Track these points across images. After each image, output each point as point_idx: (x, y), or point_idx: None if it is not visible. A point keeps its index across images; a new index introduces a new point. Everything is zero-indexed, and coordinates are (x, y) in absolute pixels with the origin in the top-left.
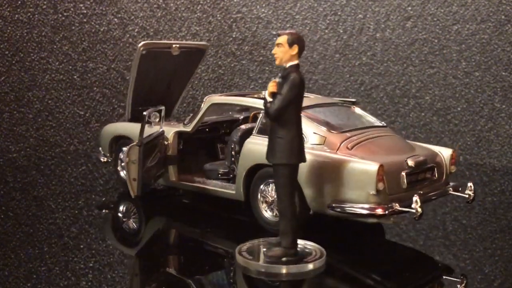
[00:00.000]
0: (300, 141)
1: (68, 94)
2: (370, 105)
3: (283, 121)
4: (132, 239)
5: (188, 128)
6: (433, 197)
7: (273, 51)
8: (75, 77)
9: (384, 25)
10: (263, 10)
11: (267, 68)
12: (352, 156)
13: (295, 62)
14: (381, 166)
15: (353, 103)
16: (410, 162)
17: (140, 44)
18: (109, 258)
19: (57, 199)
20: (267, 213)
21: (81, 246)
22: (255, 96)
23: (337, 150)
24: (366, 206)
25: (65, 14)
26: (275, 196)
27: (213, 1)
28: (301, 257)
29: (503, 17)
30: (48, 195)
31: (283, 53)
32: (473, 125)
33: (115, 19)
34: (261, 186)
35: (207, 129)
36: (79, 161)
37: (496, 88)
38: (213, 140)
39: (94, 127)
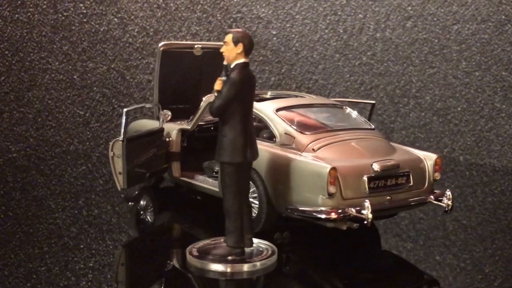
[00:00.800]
0: (245, 140)
1: (68, 94)
2: (370, 105)
3: (227, 119)
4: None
5: (189, 126)
6: (406, 204)
7: (221, 49)
8: (75, 77)
9: (384, 25)
10: (263, 10)
11: (267, 68)
12: (309, 158)
13: (242, 60)
14: (332, 168)
15: (372, 105)
16: (376, 167)
17: (160, 44)
18: (109, 258)
19: (57, 199)
20: None
21: (81, 246)
22: (261, 96)
23: (303, 151)
24: (318, 209)
25: (65, 14)
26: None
27: (213, 1)
28: (249, 255)
29: (503, 17)
30: (48, 195)
31: (228, 51)
32: (473, 125)
33: (115, 19)
34: None
35: (212, 127)
36: (79, 161)
37: (496, 88)
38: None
39: (94, 127)
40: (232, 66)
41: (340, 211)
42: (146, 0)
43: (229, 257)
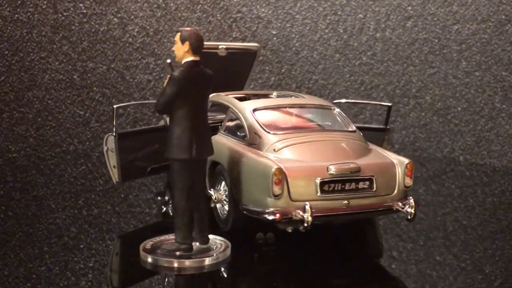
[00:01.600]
0: (191, 137)
1: (68, 94)
2: (370, 105)
3: (173, 116)
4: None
5: None
6: (366, 211)
7: (173, 48)
8: (75, 77)
9: (384, 25)
10: (263, 10)
11: (267, 68)
12: (262, 157)
13: (190, 58)
14: (277, 169)
15: (389, 108)
16: (332, 169)
17: None
18: (109, 258)
19: (57, 198)
20: (218, 210)
21: (81, 246)
22: (269, 95)
23: (264, 150)
24: (264, 210)
25: (65, 14)
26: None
27: (213, 1)
28: (199, 251)
29: (503, 17)
30: (48, 194)
31: (177, 50)
32: (473, 125)
33: (115, 19)
34: (217, 183)
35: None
36: (79, 161)
37: (496, 88)
38: None
39: (94, 127)
40: (181, 64)
41: (284, 213)
42: (146, 0)
43: (177, 253)
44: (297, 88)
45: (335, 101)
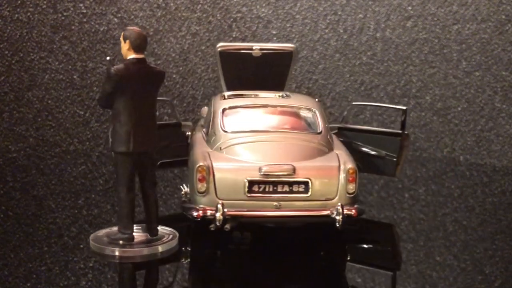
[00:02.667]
0: (129, 131)
1: (68, 94)
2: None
3: (112, 110)
4: None
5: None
6: (298, 214)
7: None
8: (75, 77)
9: (384, 25)
10: (263, 10)
11: None
12: (200, 154)
13: (132, 56)
14: (201, 166)
15: (403, 111)
16: (264, 170)
17: (216, 46)
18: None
19: (57, 198)
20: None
21: (81, 246)
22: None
23: (213, 148)
24: (188, 206)
25: (65, 14)
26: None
27: (213, 1)
28: (146, 241)
29: (503, 17)
30: (48, 194)
31: (121, 48)
32: (473, 125)
33: (115, 19)
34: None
35: None
36: (79, 161)
37: (496, 88)
38: None
39: (94, 127)
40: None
41: (205, 211)
42: (146, 0)
43: (121, 242)
44: (297, 88)
45: (353, 103)
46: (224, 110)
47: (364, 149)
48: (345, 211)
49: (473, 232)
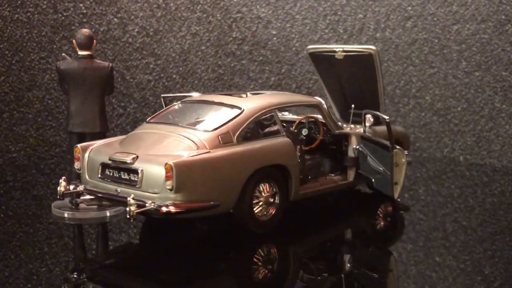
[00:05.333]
0: (71, 114)
1: None
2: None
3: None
4: None
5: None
6: (124, 200)
7: None
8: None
9: (384, 25)
10: (263, 10)
11: (267, 68)
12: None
13: (79, 52)
14: (75, 147)
15: (386, 123)
16: (110, 155)
17: (307, 48)
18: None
19: (57, 198)
20: None
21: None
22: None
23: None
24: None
25: (65, 14)
26: None
27: (213, 1)
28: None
29: (503, 17)
30: (48, 194)
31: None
32: (473, 125)
33: (115, 19)
34: None
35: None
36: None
37: (496, 88)
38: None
39: None
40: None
41: (74, 186)
42: (146, 0)
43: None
44: (297, 88)
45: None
46: (182, 103)
47: (371, 161)
48: (149, 206)
49: (473, 232)
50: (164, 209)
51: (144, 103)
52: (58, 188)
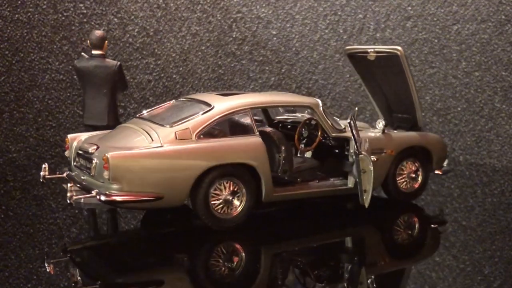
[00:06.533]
0: (83, 108)
1: (68, 94)
2: (370, 105)
3: None
4: None
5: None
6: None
7: None
8: (75, 77)
9: (384, 25)
10: (263, 10)
11: (267, 68)
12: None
13: (92, 52)
14: (66, 137)
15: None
16: (79, 145)
17: (345, 48)
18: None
19: (57, 198)
20: None
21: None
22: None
23: None
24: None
25: (65, 14)
26: None
27: (213, 1)
28: None
29: (503, 17)
30: (48, 194)
31: None
32: (473, 125)
33: (115, 19)
34: None
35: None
36: None
37: (496, 88)
38: None
39: None
40: None
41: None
42: (146, 0)
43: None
44: (297, 88)
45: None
46: (172, 101)
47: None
48: (93, 194)
49: (473, 232)
50: (102, 198)
51: (144, 103)
52: (41, 173)
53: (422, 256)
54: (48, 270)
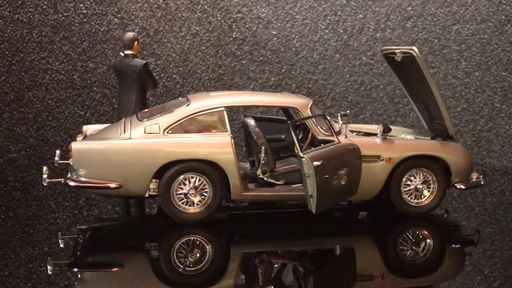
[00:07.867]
0: (117, 103)
1: (68, 94)
2: (370, 105)
3: None
4: None
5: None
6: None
7: None
8: (75, 77)
9: (384, 25)
10: (263, 10)
11: (267, 68)
12: None
13: (124, 52)
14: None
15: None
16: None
17: (381, 49)
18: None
19: (57, 198)
20: None
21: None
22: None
23: None
24: None
25: (65, 14)
26: None
27: (213, 1)
28: None
29: (503, 17)
30: (48, 194)
31: None
32: (473, 125)
33: (115, 19)
34: None
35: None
36: None
37: (496, 88)
38: None
39: None
40: None
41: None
42: (146, 0)
43: None
44: (297, 89)
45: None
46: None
47: None
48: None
49: (473, 232)
50: (68, 182)
51: None
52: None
53: (422, 256)
54: (48, 270)
